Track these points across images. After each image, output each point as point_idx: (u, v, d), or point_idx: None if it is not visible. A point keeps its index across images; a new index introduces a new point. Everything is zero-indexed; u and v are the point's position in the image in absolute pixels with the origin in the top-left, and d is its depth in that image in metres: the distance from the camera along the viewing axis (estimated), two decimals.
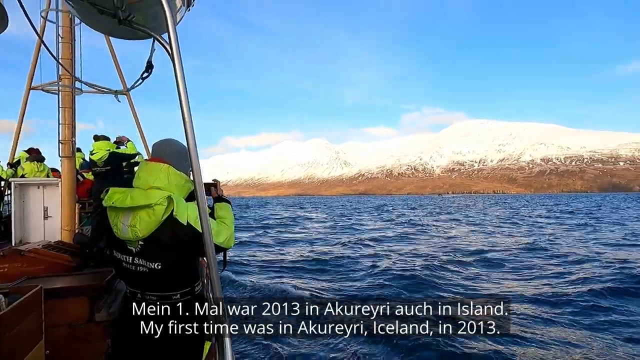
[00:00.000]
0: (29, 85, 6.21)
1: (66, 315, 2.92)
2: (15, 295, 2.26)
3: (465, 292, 9.94)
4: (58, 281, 3.27)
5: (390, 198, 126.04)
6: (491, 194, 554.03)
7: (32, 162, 7.65)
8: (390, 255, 15.30)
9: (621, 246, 17.85)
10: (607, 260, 13.67)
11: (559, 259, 14.45)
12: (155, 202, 1.89)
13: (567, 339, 6.78)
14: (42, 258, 3.87)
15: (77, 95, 6.13)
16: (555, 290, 9.82)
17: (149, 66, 2.50)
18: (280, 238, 22.75)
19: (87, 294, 3.02)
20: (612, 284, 10.17)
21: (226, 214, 2.22)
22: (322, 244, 19.84)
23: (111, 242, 2.06)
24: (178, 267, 2.02)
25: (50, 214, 6.91)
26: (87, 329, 2.96)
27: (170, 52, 1.71)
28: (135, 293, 2.05)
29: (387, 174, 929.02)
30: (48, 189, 6.99)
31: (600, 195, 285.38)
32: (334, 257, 15.07)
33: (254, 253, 16.63)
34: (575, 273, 11.88)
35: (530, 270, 12.71)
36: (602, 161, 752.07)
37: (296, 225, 33.16)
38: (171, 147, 2.19)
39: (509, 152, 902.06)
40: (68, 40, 5.81)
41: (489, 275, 11.95)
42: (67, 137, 6.23)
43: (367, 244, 19.22)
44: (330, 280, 11.24)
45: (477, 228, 28.50)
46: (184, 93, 1.70)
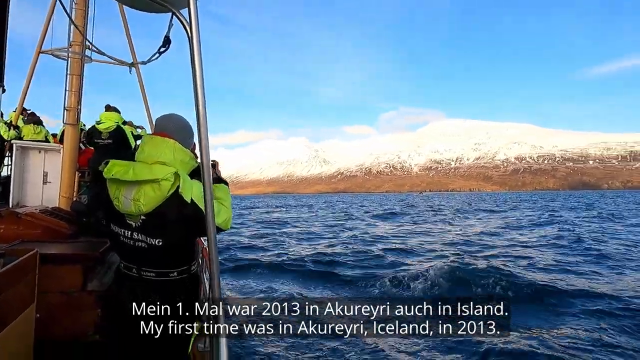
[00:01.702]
0: (39, 48, 6.14)
1: (59, 281, 2.92)
2: (10, 257, 2.26)
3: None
4: (53, 247, 3.27)
5: (393, 196, 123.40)
6: (468, 192, 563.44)
7: (30, 124, 7.57)
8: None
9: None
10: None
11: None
12: (162, 177, 1.86)
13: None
14: (38, 222, 3.86)
15: (86, 64, 6.13)
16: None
17: (167, 41, 2.53)
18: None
19: (81, 263, 3.01)
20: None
21: (225, 195, 2.20)
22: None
23: (109, 215, 2.02)
24: (178, 245, 2.01)
25: (49, 179, 6.86)
26: (79, 297, 2.96)
27: (190, 29, 1.68)
28: (131, 268, 2.03)
29: (366, 172, 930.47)
30: (49, 154, 6.94)
31: (580, 192, 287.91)
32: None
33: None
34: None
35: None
36: (573, 160, 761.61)
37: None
38: (175, 123, 2.16)
39: (485, 150, 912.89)
40: (82, 7, 5.78)
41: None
42: (73, 104, 6.23)
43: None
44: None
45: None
46: (199, 71, 1.68)
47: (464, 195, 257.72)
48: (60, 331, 2.85)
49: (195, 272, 2.17)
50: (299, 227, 26.08)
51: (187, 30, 1.69)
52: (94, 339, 2.89)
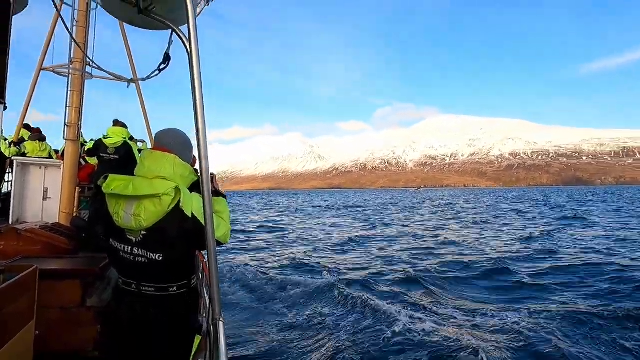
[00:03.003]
0: (40, 65, 6.08)
1: (58, 297, 2.91)
2: (10, 274, 2.24)
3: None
4: (53, 263, 3.26)
5: (387, 193, 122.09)
6: (463, 188, 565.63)
7: (35, 141, 7.53)
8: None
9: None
10: None
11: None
12: (163, 192, 1.85)
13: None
14: (38, 238, 3.84)
15: (87, 80, 6.08)
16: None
17: (167, 58, 2.52)
18: None
19: (80, 278, 3.01)
20: None
21: (223, 208, 2.19)
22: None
23: (109, 230, 2.00)
24: (179, 260, 1.99)
25: (50, 195, 6.86)
26: (78, 313, 2.95)
27: (189, 45, 1.69)
28: (130, 283, 2.00)
29: (361, 168, 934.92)
30: (50, 169, 6.94)
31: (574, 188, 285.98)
32: None
33: None
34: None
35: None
36: (566, 156, 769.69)
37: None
38: (175, 137, 2.16)
39: (479, 146, 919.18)
40: (83, 25, 5.77)
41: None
42: (73, 120, 6.21)
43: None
44: None
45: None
46: (199, 87, 1.68)
47: (460, 190, 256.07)
48: (60, 347, 2.84)
49: (195, 286, 2.16)
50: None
51: (186, 46, 1.70)
52: (93, 355, 2.88)
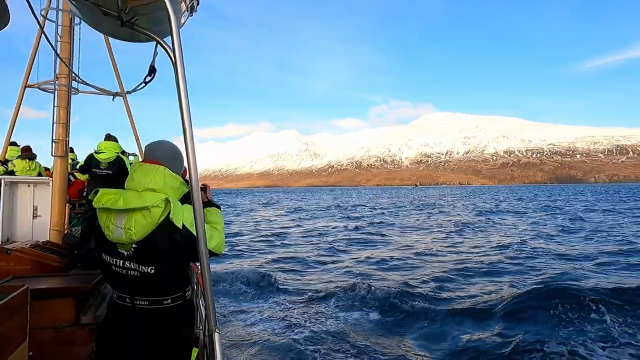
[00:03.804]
0: (25, 82, 6.01)
1: (51, 317, 2.85)
2: (0, 295, 2.19)
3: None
4: (44, 282, 3.20)
5: (382, 190, 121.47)
6: (458, 185, 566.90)
7: (24, 159, 7.43)
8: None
9: None
10: None
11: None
12: (152, 204, 1.84)
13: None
14: (29, 258, 3.78)
15: (73, 95, 6.01)
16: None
17: (152, 70, 2.46)
18: None
19: (73, 296, 2.96)
20: None
21: (217, 218, 2.19)
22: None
23: (100, 245, 1.99)
24: (172, 272, 1.98)
25: (39, 213, 6.77)
26: (72, 331, 2.90)
27: (173, 56, 1.69)
28: (124, 297, 1.99)
29: (357, 166, 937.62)
30: (38, 187, 6.85)
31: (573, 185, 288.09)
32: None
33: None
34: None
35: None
36: (560, 154, 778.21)
37: None
38: (165, 149, 2.15)
39: (474, 144, 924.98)
40: (67, 40, 5.71)
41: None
42: (61, 136, 6.12)
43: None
44: None
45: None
46: (185, 98, 1.68)
47: (458, 188, 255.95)
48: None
49: (190, 298, 2.15)
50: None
51: (171, 57, 1.71)
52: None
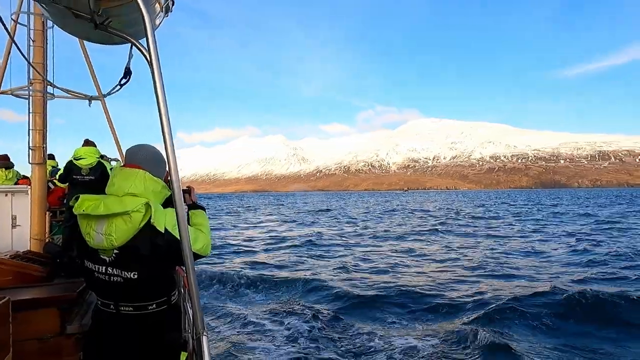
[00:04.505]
0: None
1: (35, 328, 2.78)
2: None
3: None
4: (27, 292, 3.12)
5: (371, 195, 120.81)
6: (445, 190, 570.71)
7: (1, 169, 7.26)
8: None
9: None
10: None
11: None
12: (132, 208, 1.82)
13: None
14: (9, 269, 3.68)
15: (49, 100, 5.91)
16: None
17: (127, 72, 2.45)
18: None
19: (57, 306, 2.89)
20: None
21: (202, 220, 2.19)
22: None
23: (82, 252, 1.96)
24: (155, 276, 1.96)
25: (19, 222, 6.57)
26: (57, 342, 2.83)
27: (149, 58, 1.67)
28: (108, 304, 1.97)
29: (345, 170, 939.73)
30: (17, 196, 6.65)
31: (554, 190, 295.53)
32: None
33: None
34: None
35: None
36: (545, 159, 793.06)
37: None
38: (146, 153, 2.13)
39: (461, 150, 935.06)
40: (40, 44, 5.61)
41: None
42: (38, 143, 5.99)
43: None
44: None
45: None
46: (163, 100, 1.66)
47: (445, 193, 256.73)
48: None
49: (176, 302, 2.13)
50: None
51: (147, 58, 1.68)
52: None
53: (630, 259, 14.43)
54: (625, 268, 12.92)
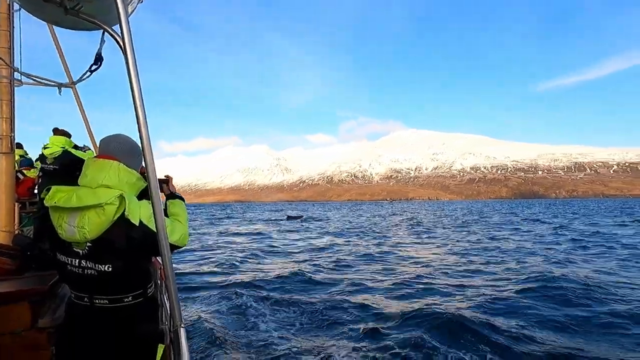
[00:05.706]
0: None
1: (6, 322, 2.70)
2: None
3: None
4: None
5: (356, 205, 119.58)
6: (427, 200, 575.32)
7: None
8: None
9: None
10: None
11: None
12: (105, 201, 1.78)
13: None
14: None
15: (17, 87, 5.79)
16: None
17: (98, 58, 2.44)
18: None
19: (28, 299, 2.81)
20: None
21: (179, 210, 2.17)
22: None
23: (54, 244, 1.91)
24: (130, 269, 1.92)
25: None
26: (29, 336, 2.75)
27: (123, 44, 1.62)
28: (82, 297, 1.92)
29: (328, 181, 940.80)
30: None
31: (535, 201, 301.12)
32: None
33: None
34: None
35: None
36: (524, 170, 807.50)
37: None
38: (121, 143, 2.08)
39: (442, 160, 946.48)
40: (6, 28, 5.44)
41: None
42: (5, 131, 5.80)
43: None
44: None
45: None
46: (137, 87, 1.62)
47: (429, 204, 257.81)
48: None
49: (153, 294, 2.09)
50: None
51: (120, 46, 1.64)
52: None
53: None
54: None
